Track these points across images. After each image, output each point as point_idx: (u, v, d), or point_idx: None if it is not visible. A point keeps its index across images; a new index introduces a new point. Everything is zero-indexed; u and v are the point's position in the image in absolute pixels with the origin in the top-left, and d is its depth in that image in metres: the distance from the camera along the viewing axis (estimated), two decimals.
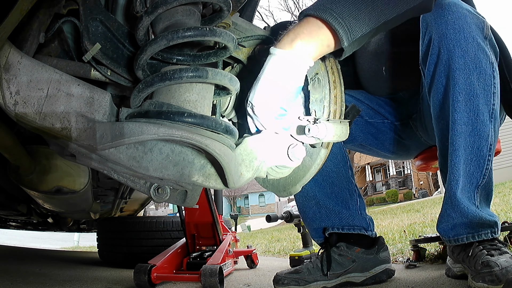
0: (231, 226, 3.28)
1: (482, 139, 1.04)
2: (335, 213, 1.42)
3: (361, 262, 1.37)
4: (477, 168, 1.06)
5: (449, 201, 1.10)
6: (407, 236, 3.06)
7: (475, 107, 1.02)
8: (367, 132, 1.47)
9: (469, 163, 1.05)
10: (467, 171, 1.06)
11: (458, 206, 1.08)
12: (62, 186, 1.36)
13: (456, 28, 1.00)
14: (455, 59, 1.01)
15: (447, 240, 1.17)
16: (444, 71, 1.03)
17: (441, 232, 1.18)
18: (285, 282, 1.34)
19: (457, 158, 1.05)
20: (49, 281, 1.90)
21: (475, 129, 1.03)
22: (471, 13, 1.03)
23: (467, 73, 1.01)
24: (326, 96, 0.87)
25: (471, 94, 1.01)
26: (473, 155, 1.05)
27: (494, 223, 1.09)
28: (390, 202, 19.66)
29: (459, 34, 1.00)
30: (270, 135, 0.82)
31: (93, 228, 3.97)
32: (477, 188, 1.08)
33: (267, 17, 18.38)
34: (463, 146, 1.04)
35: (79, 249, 6.64)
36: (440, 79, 1.05)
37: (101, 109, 0.71)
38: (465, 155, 1.05)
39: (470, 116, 1.03)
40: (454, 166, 1.06)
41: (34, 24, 0.76)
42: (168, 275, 1.85)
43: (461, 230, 1.12)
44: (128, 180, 0.76)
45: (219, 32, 0.71)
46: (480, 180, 1.07)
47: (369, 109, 1.46)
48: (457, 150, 1.05)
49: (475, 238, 1.11)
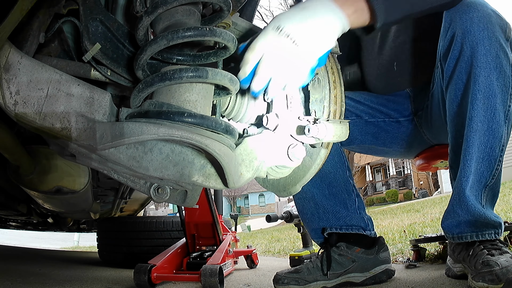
0: (231, 226, 3.28)
1: (496, 139, 1.04)
2: (333, 213, 1.42)
3: (361, 262, 1.37)
4: (487, 167, 1.06)
5: (457, 197, 1.10)
6: (407, 236, 3.06)
7: (493, 106, 1.02)
8: (367, 133, 1.47)
9: (480, 161, 1.05)
10: (478, 169, 1.06)
11: (466, 204, 1.08)
12: (62, 186, 1.36)
13: (480, 26, 1.01)
14: (478, 56, 1.01)
15: (451, 237, 1.17)
16: (465, 67, 1.03)
17: (445, 228, 1.18)
18: (285, 281, 1.34)
19: (470, 155, 1.05)
20: (49, 281, 1.90)
21: (490, 128, 1.03)
22: (495, 13, 1.04)
23: (487, 71, 1.01)
24: (326, 96, 0.87)
25: (489, 93, 1.02)
26: (485, 153, 1.05)
27: (498, 224, 1.09)
28: (390, 202, 19.66)
29: (483, 32, 1.01)
30: (270, 135, 0.82)
31: (93, 228, 3.97)
32: (485, 188, 1.08)
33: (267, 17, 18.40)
34: (477, 143, 1.04)
35: (79, 249, 6.64)
36: (460, 75, 1.05)
37: (101, 109, 0.71)
38: (477, 153, 1.05)
39: (486, 114, 1.03)
40: (466, 163, 1.06)
41: (34, 24, 0.76)
42: (168, 275, 1.85)
43: (466, 228, 1.12)
44: (128, 180, 0.76)
45: (219, 32, 0.71)
46: (489, 180, 1.07)
47: (370, 108, 1.46)
48: (471, 147, 1.05)
49: (478, 237, 1.11)
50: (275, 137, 0.83)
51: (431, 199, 10.93)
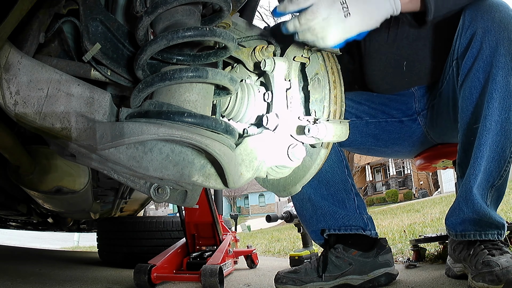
0: (231, 226, 3.28)
1: (508, 140, 1.04)
2: (331, 214, 1.40)
3: (358, 265, 1.35)
4: (496, 167, 1.06)
5: (464, 195, 1.10)
6: (407, 236, 3.07)
7: (508, 107, 1.02)
8: (367, 135, 1.45)
9: (490, 161, 1.05)
10: (487, 168, 1.06)
11: (472, 202, 1.08)
12: (62, 186, 1.36)
13: (502, 26, 1.01)
14: (497, 56, 1.01)
15: (454, 235, 1.17)
16: (483, 66, 1.03)
17: (449, 225, 1.18)
18: (283, 281, 1.34)
19: (481, 153, 1.05)
20: (49, 281, 1.90)
21: (503, 128, 1.03)
22: None
23: (506, 72, 1.01)
24: (326, 96, 0.87)
25: (506, 93, 1.02)
26: (496, 153, 1.04)
27: (502, 225, 1.09)
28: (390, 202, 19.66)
29: (504, 32, 1.01)
30: (270, 135, 0.82)
31: (93, 228, 3.97)
32: (491, 188, 1.08)
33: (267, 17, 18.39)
34: (490, 143, 1.04)
35: (79, 249, 6.63)
36: (477, 73, 1.05)
37: (101, 109, 0.71)
38: (489, 152, 1.05)
39: (501, 115, 1.03)
40: (476, 161, 1.06)
41: (34, 24, 0.76)
42: (168, 275, 1.85)
43: (470, 226, 1.12)
44: (128, 180, 0.76)
45: (219, 32, 0.71)
46: (497, 180, 1.07)
47: (371, 109, 1.44)
48: (483, 146, 1.05)
49: (481, 236, 1.11)
50: (275, 137, 0.83)
51: (431, 199, 10.92)
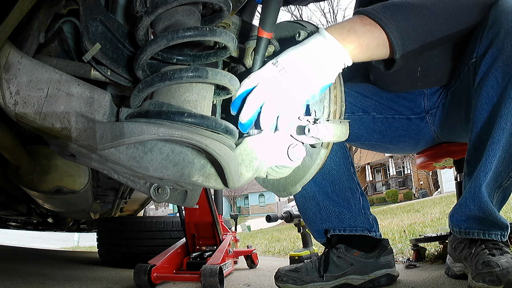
0: (231, 226, 3.28)
1: None
2: (336, 215, 1.39)
3: (360, 265, 1.35)
4: (506, 168, 1.05)
5: (472, 191, 1.09)
6: (407, 236, 3.07)
7: None
8: (373, 130, 1.43)
9: (501, 160, 1.05)
10: (497, 168, 1.06)
11: (480, 199, 1.07)
12: (62, 186, 1.36)
13: None
14: None
15: (457, 232, 1.17)
16: (502, 66, 1.02)
17: (453, 222, 1.18)
18: (284, 279, 1.34)
19: (494, 152, 1.05)
20: (49, 281, 1.90)
21: None
22: None
23: None
24: (326, 96, 0.87)
25: None
26: (507, 154, 1.04)
27: (506, 226, 1.09)
28: (390, 202, 19.67)
29: None
30: (270, 135, 0.82)
31: (93, 228, 3.97)
32: (499, 188, 1.08)
33: None
34: (503, 143, 1.03)
35: (79, 249, 6.64)
36: (496, 73, 1.04)
37: (101, 109, 0.71)
38: (501, 152, 1.04)
39: None
40: (488, 159, 1.06)
41: (34, 24, 0.76)
42: (168, 275, 1.85)
43: (474, 225, 1.12)
44: (128, 180, 0.76)
45: (219, 32, 0.71)
46: (505, 180, 1.07)
47: (379, 104, 1.42)
48: (496, 145, 1.04)
49: (485, 235, 1.10)
50: (275, 137, 0.83)
51: (431, 199, 10.92)
